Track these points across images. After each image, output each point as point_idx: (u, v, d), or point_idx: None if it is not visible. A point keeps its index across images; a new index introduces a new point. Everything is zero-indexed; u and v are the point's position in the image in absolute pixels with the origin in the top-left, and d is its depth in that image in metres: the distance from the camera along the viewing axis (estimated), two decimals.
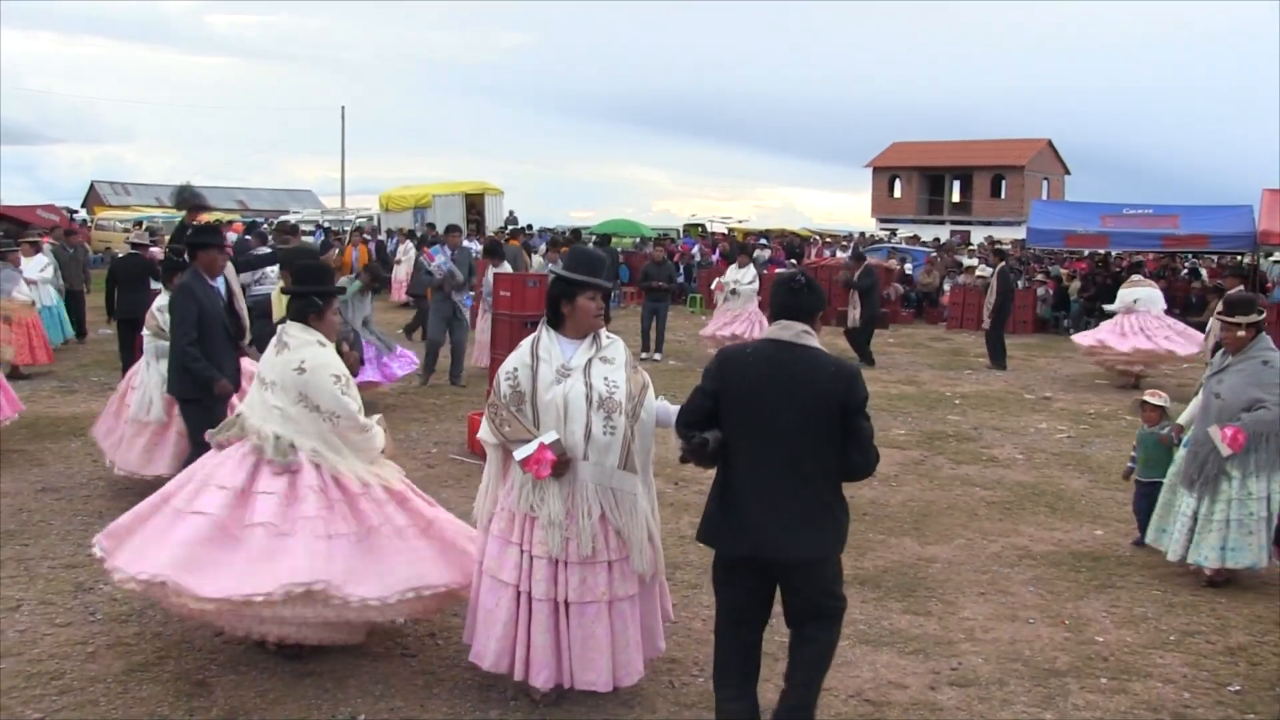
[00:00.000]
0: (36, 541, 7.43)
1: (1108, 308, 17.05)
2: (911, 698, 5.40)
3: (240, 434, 5.53)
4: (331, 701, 5.16)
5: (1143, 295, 16.38)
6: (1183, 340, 15.93)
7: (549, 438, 4.81)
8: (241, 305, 8.64)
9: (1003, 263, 18.64)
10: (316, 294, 5.71)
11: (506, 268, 15.11)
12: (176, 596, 5.01)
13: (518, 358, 5.04)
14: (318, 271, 5.99)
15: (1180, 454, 7.41)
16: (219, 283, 8.01)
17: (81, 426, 11.07)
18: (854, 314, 17.88)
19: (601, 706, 5.09)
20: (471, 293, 14.50)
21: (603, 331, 5.14)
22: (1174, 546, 7.17)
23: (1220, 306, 7.45)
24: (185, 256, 8.23)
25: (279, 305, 6.81)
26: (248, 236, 17.15)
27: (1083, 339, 16.74)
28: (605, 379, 4.94)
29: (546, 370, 4.93)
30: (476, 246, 16.67)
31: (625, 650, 4.96)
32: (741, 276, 17.50)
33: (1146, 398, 8.10)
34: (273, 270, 12.31)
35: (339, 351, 6.07)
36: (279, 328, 5.76)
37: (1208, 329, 15.04)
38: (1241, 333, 7.07)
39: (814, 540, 4.50)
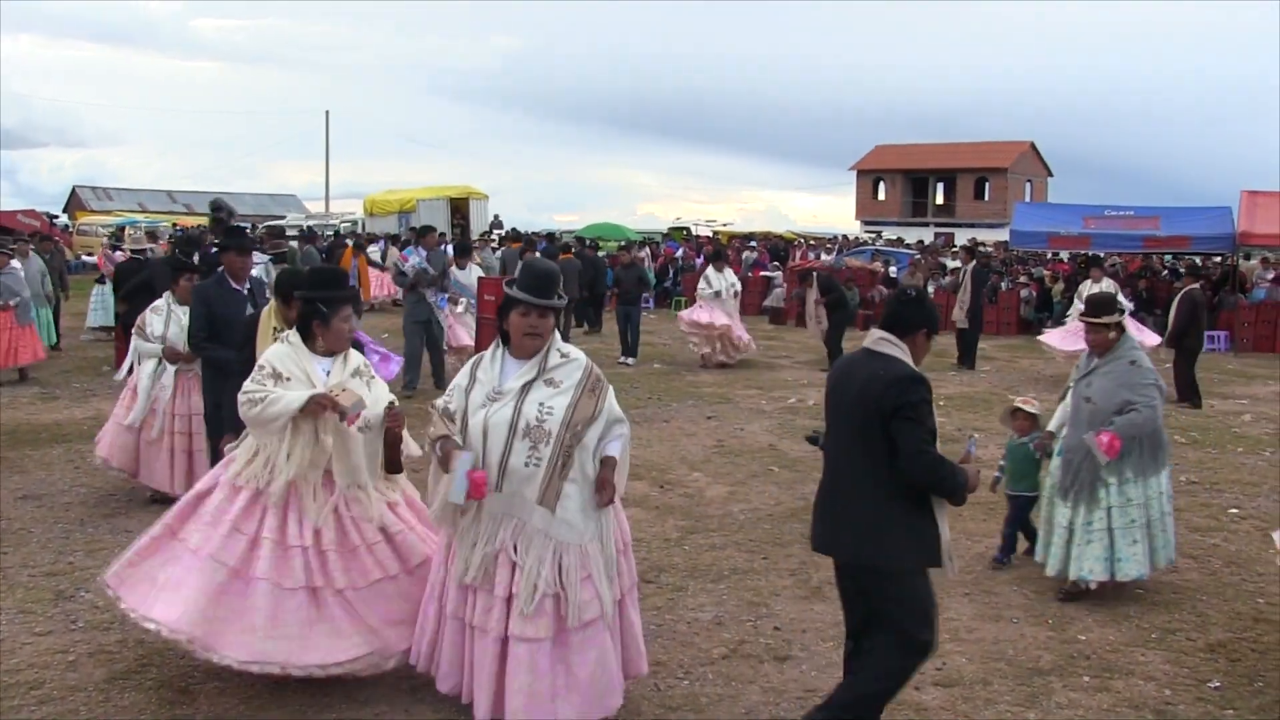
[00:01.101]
0: (16, 549, 7.38)
1: (1069, 313, 17.24)
2: (896, 698, 5.40)
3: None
4: (316, 707, 5.14)
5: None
6: (1143, 337, 16.14)
7: (465, 462, 4.55)
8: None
9: (974, 261, 18.72)
10: (322, 300, 5.37)
11: (476, 270, 15.07)
12: (204, 651, 4.91)
13: (461, 374, 4.91)
14: (330, 276, 5.70)
15: (1055, 463, 7.05)
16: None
17: (64, 433, 11.05)
18: (817, 326, 17.90)
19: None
20: (445, 294, 14.44)
21: (557, 350, 4.80)
22: (1052, 561, 6.84)
23: (1083, 307, 7.16)
24: (194, 259, 8.29)
25: (267, 327, 6.48)
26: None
27: (1053, 340, 16.88)
28: (540, 404, 4.63)
29: (478, 393, 4.74)
30: (491, 255, 16.27)
31: (523, 697, 4.56)
32: (722, 281, 17.58)
33: (1018, 405, 7.68)
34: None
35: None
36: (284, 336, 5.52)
37: (1169, 325, 15.29)
38: (1112, 334, 6.80)
39: (858, 544, 4.53)
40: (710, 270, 18.14)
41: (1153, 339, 16.11)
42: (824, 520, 4.72)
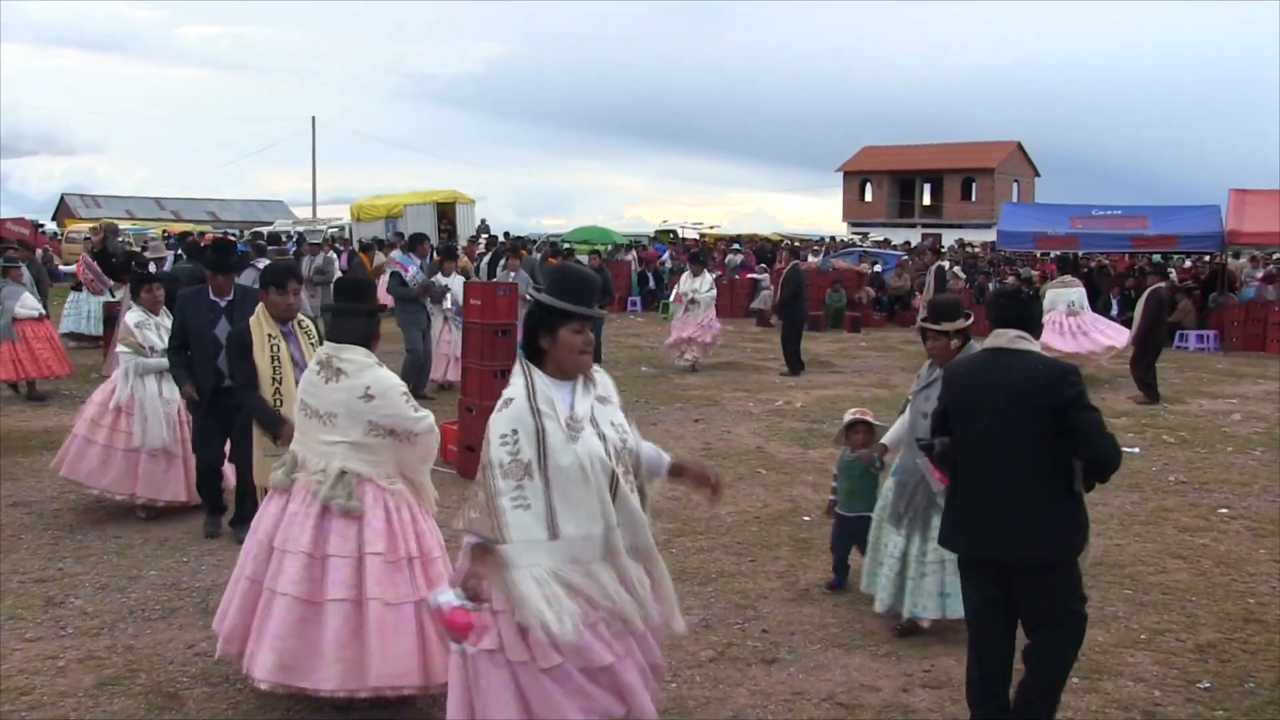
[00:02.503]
0: (6, 556, 7.37)
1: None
2: (884, 700, 5.42)
3: (289, 478, 5.13)
4: (305, 710, 5.14)
5: (1076, 296, 17.16)
6: (1114, 333, 16.89)
7: (451, 599, 3.74)
8: None
9: (940, 262, 18.82)
10: (370, 312, 5.26)
11: (457, 279, 15.01)
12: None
13: (513, 417, 3.86)
14: (370, 289, 5.53)
15: (888, 485, 6.50)
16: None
17: (53, 440, 10.98)
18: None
19: None
20: (456, 305, 14.47)
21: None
22: (881, 595, 6.23)
23: (924, 312, 6.61)
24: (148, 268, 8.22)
25: (260, 335, 6.46)
26: (247, 248, 17.01)
27: (1050, 339, 16.90)
28: (613, 424, 4.01)
29: (554, 427, 3.84)
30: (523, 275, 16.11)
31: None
32: (699, 285, 17.48)
33: (854, 416, 7.04)
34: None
35: None
36: (325, 352, 5.16)
37: (1134, 323, 15.46)
38: (954, 342, 6.08)
39: (1035, 542, 4.56)
40: (685, 275, 18.08)
41: (1120, 339, 16.40)
42: (988, 525, 4.64)
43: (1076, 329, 16.66)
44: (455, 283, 14.68)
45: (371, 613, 4.86)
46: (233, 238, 24.89)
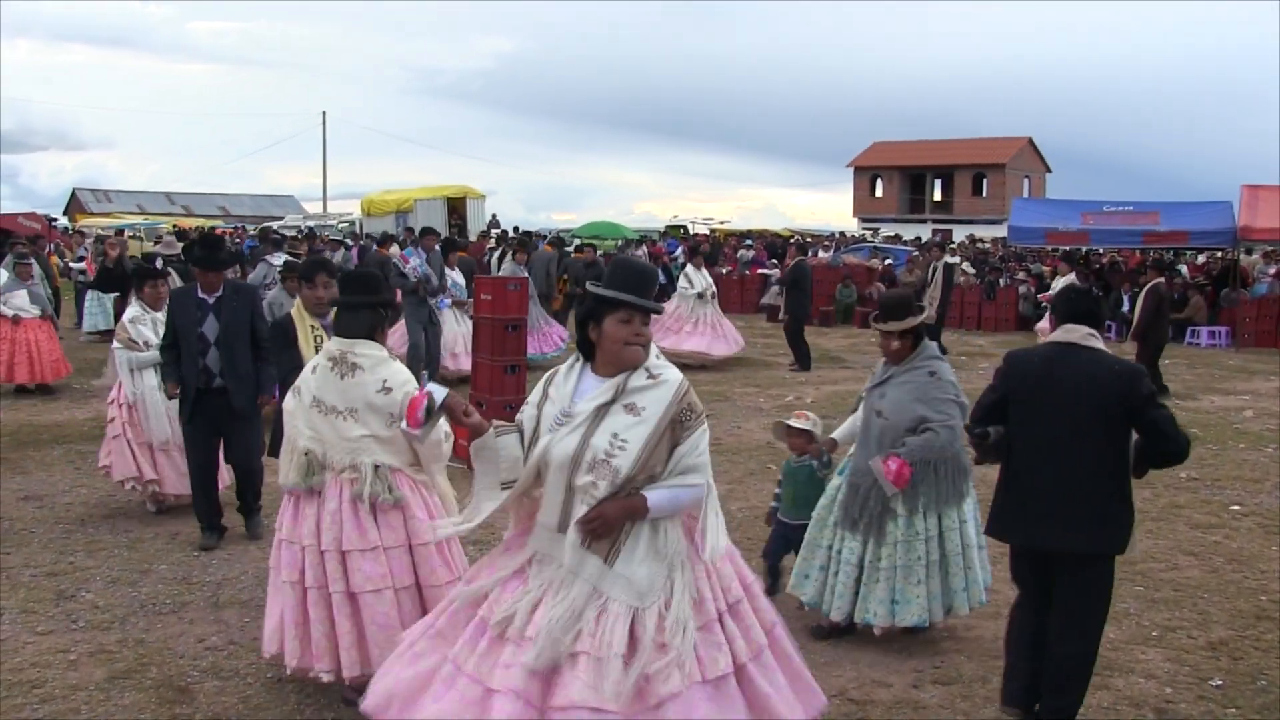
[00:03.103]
0: (18, 550, 7.39)
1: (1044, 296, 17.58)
2: (895, 696, 5.41)
3: (307, 480, 5.01)
4: (315, 705, 5.16)
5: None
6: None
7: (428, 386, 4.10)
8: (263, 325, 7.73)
9: (945, 257, 18.86)
10: (383, 305, 5.24)
11: (456, 273, 15.00)
12: None
13: (538, 389, 4.03)
14: (376, 281, 5.43)
15: (834, 484, 6.16)
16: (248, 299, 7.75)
17: (64, 434, 11.06)
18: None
19: None
20: (446, 296, 14.47)
21: (645, 369, 3.85)
22: (839, 602, 5.89)
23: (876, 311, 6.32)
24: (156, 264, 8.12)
25: (303, 325, 6.31)
26: (257, 243, 17.02)
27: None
28: (614, 435, 3.75)
29: (550, 412, 3.90)
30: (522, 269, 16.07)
31: None
32: (702, 280, 17.22)
33: (791, 421, 6.53)
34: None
35: None
36: (337, 348, 5.09)
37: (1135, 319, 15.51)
38: (895, 343, 5.82)
39: (1085, 535, 4.70)
40: (690, 269, 17.87)
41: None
42: (1044, 516, 4.74)
43: None
44: (456, 275, 14.73)
45: (429, 600, 4.90)
46: (234, 232, 24.81)
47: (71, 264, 25.25)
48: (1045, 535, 4.76)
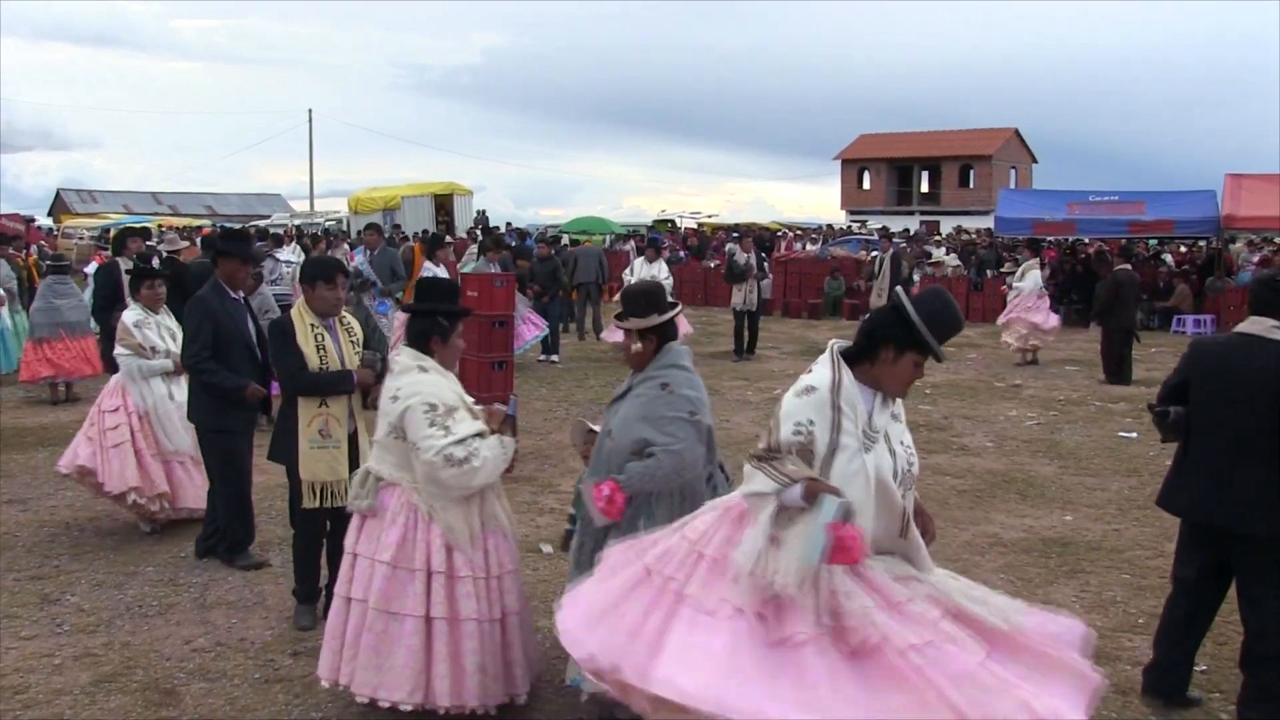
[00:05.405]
0: (1, 554, 7.36)
1: (1018, 284, 17.76)
2: None
3: (368, 501, 4.96)
4: (302, 707, 5.14)
5: (1043, 277, 18.36)
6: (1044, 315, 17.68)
7: (829, 512, 3.41)
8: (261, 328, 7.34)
9: (893, 247, 18.96)
10: (442, 314, 5.11)
11: (440, 269, 14.88)
12: None
13: (814, 407, 3.66)
14: (444, 288, 5.39)
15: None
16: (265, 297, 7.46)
17: (50, 437, 11.01)
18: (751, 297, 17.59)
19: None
20: (387, 299, 14.22)
21: None
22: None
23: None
24: (155, 264, 7.90)
25: (304, 328, 6.16)
26: (262, 242, 16.90)
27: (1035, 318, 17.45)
28: (902, 443, 3.80)
29: (851, 428, 3.63)
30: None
31: None
32: (657, 272, 16.57)
33: (591, 426, 5.32)
34: (288, 269, 12.29)
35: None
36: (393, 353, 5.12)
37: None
38: (636, 345, 4.79)
39: (1262, 516, 4.82)
40: (639, 261, 17.56)
41: (1051, 320, 17.41)
42: (1224, 494, 4.91)
43: (1045, 308, 17.61)
44: (441, 271, 14.68)
45: (370, 622, 4.85)
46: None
47: (87, 270, 25.12)
48: (1216, 512, 4.95)
